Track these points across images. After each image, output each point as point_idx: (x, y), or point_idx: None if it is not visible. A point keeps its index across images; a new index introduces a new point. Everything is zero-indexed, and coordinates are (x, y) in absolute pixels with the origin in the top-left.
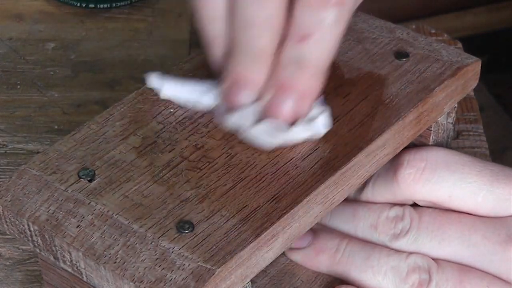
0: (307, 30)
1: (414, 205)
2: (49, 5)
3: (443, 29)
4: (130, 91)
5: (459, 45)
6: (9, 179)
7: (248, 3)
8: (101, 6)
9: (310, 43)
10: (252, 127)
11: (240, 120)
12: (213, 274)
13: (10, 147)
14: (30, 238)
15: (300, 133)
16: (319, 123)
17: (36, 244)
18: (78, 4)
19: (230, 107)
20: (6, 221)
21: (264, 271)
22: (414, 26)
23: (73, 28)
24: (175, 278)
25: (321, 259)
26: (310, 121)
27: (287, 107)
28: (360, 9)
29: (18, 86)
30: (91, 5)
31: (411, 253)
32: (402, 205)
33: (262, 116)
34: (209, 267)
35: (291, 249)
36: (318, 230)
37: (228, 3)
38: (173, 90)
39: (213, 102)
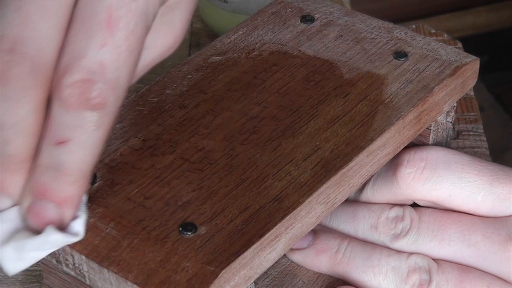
0: (64, 134)
1: (414, 205)
2: None
3: (443, 29)
4: (130, 91)
5: (459, 45)
6: None
7: None
8: None
9: (68, 148)
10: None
11: None
12: (217, 276)
13: None
14: None
15: (51, 245)
16: (73, 231)
17: None
18: None
19: None
20: None
21: (265, 272)
22: (414, 26)
23: None
24: (179, 279)
25: (322, 259)
26: (64, 231)
27: (46, 216)
28: (360, 9)
29: None
30: None
31: (411, 253)
32: (402, 205)
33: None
34: (213, 268)
35: (292, 249)
36: (318, 231)
37: None
38: None
39: None
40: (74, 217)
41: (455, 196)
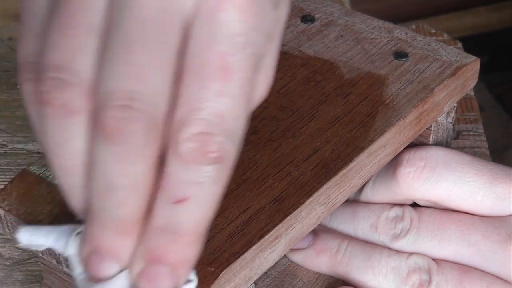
0: (182, 191)
1: (414, 205)
2: None
3: (443, 29)
4: None
5: (459, 45)
6: (10, 183)
7: (111, 162)
8: None
9: (186, 207)
10: None
11: None
12: (218, 276)
13: (10, 147)
14: None
15: None
16: None
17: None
18: None
19: (92, 277)
20: (7, 225)
21: (265, 272)
22: (414, 26)
23: None
24: None
25: (322, 259)
26: None
27: (160, 281)
28: (360, 9)
29: (18, 86)
30: None
31: (411, 253)
32: (402, 205)
33: None
34: (213, 269)
35: (292, 249)
36: (318, 231)
37: (86, 158)
38: (29, 235)
39: (69, 252)
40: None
41: (455, 196)
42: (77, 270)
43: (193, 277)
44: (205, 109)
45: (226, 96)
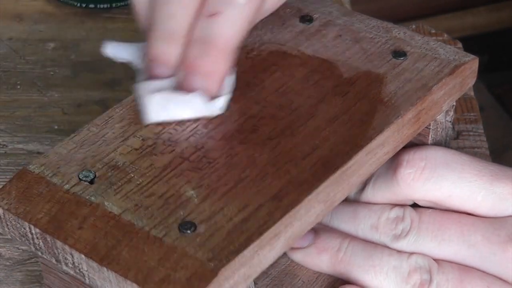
0: (215, 7)
1: (414, 205)
2: (49, 5)
3: (443, 29)
4: (130, 91)
5: (459, 45)
6: (9, 182)
7: None
8: (101, 6)
9: (217, 21)
10: (148, 96)
11: (145, 89)
12: (217, 274)
13: (10, 147)
14: (31, 241)
15: (193, 110)
16: (215, 105)
17: (37, 247)
18: (78, 4)
19: (149, 78)
20: (7, 224)
21: (265, 272)
22: (414, 26)
23: (73, 28)
24: (178, 278)
25: (323, 258)
26: (208, 101)
27: (194, 88)
28: (360, 9)
29: (18, 86)
30: (91, 5)
31: (412, 253)
32: (402, 206)
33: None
34: (212, 266)
35: (292, 248)
36: (319, 230)
37: None
38: (115, 50)
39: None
40: (219, 94)
41: (455, 196)
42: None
43: (227, 92)
44: None
45: None
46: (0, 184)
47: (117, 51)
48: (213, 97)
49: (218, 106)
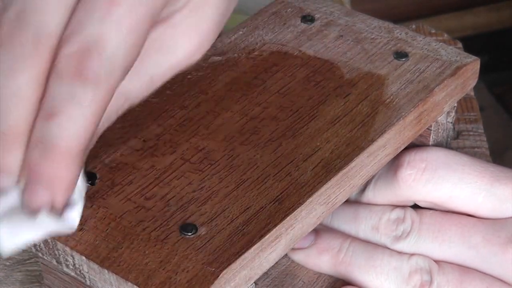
0: (56, 106)
1: (415, 207)
2: None
3: (443, 29)
4: None
5: (459, 45)
6: None
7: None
8: None
9: (57, 122)
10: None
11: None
12: (218, 276)
13: None
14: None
15: (45, 231)
16: (67, 221)
17: (38, 248)
18: None
19: None
20: None
21: (265, 272)
22: (414, 26)
23: None
24: (179, 280)
25: (324, 259)
26: (57, 217)
27: (37, 197)
28: (361, 9)
29: None
30: None
31: (413, 254)
32: (403, 207)
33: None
34: (213, 269)
35: (293, 249)
36: (320, 230)
37: None
38: None
39: None
40: (69, 204)
41: (456, 197)
42: None
43: (78, 201)
44: (86, 30)
45: (110, 21)
46: None
47: None
48: (62, 209)
49: (70, 222)
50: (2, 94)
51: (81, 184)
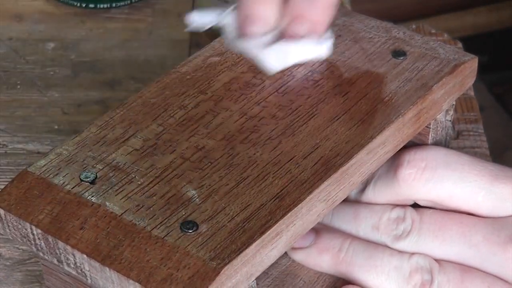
0: None
1: (415, 206)
2: (49, 5)
3: (443, 29)
4: (130, 91)
5: (459, 45)
6: (10, 183)
7: None
8: (101, 6)
9: None
10: (262, 50)
11: (251, 46)
12: (219, 273)
13: (10, 147)
14: (33, 242)
15: (305, 53)
16: (324, 46)
17: (39, 248)
18: (78, 4)
19: (243, 36)
20: (8, 225)
21: (266, 272)
22: (414, 26)
23: (73, 28)
24: (181, 277)
25: (324, 258)
26: (316, 44)
27: (301, 32)
28: (360, 9)
29: (18, 86)
30: (91, 5)
31: (413, 253)
32: (403, 206)
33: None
34: (214, 265)
35: (293, 248)
36: (320, 230)
37: None
38: (200, 18)
39: (224, 21)
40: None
41: (456, 196)
42: (231, 35)
43: (331, 35)
44: None
45: None
46: (0, 184)
47: (201, 18)
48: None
49: (327, 47)
50: None
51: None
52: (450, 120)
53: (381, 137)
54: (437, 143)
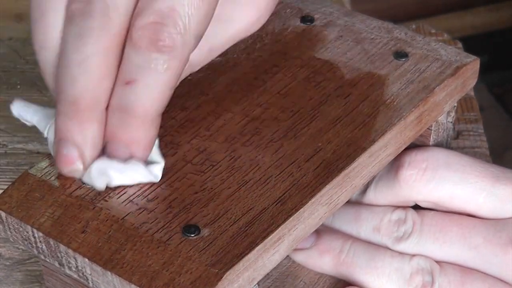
0: (132, 74)
1: (416, 207)
2: None
3: (443, 29)
4: None
5: (459, 45)
6: (11, 185)
7: (69, 40)
8: None
9: (135, 88)
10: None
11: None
12: (221, 278)
13: (10, 147)
14: (34, 245)
15: (132, 177)
16: (152, 172)
17: (40, 251)
18: None
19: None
20: (9, 228)
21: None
22: (414, 26)
23: None
24: (183, 282)
25: (325, 259)
26: (145, 168)
27: (119, 155)
28: (360, 9)
29: (18, 86)
30: None
31: (414, 255)
32: (404, 208)
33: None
34: (217, 270)
35: (294, 249)
36: (321, 231)
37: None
38: (20, 109)
39: (48, 135)
40: (152, 162)
41: (457, 198)
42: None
43: (159, 159)
44: (159, 2)
45: None
46: (0, 184)
47: (24, 112)
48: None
49: (154, 174)
50: (70, 63)
51: (156, 148)
52: (452, 122)
53: (383, 140)
54: (438, 145)
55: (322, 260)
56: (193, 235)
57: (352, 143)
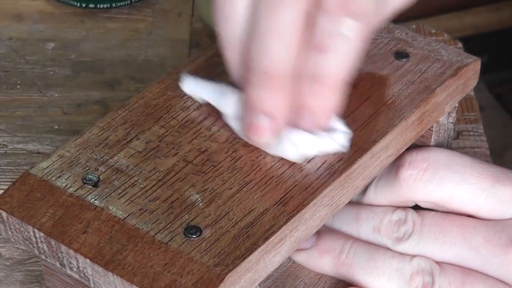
0: (324, 40)
1: (416, 208)
2: (49, 5)
3: (443, 29)
4: (130, 91)
5: (459, 45)
6: (12, 185)
7: (262, 10)
8: (101, 6)
9: (326, 57)
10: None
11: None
12: (223, 279)
13: (10, 147)
14: (35, 245)
15: (322, 145)
16: (339, 140)
17: (41, 251)
18: (78, 4)
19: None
20: (10, 228)
21: None
22: (414, 26)
23: (73, 28)
24: (184, 283)
25: (325, 260)
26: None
27: (304, 125)
28: None
29: (18, 86)
30: (91, 5)
31: (414, 255)
32: (404, 208)
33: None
34: (218, 271)
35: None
36: (321, 231)
37: (249, 8)
38: (193, 86)
39: (231, 111)
40: (339, 131)
41: (457, 198)
42: (236, 126)
43: (344, 129)
44: None
45: None
46: (0, 184)
47: (196, 89)
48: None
49: (341, 143)
50: (263, 32)
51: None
52: (452, 122)
53: (384, 141)
54: (439, 145)
55: (322, 260)
56: (194, 236)
57: (353, 144)
